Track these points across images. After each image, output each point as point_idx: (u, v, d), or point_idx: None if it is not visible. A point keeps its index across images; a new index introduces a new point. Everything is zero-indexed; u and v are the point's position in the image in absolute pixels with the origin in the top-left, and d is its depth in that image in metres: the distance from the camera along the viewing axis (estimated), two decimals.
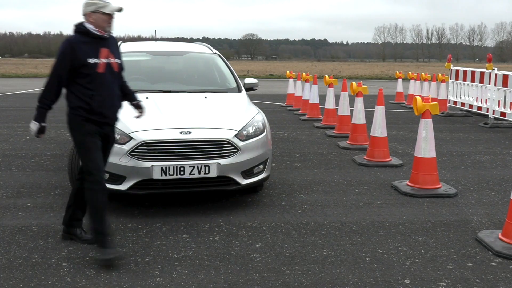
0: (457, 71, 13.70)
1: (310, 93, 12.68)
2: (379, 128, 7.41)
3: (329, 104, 11.07)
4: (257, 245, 4.27)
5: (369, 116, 8.39)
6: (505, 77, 11.27)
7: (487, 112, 12.00)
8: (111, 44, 4.07)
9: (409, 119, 12.59)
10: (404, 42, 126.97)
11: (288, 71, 16.33)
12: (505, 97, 11.37)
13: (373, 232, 4.66)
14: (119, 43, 7.35)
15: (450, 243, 4.41)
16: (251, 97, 6.59)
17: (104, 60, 3.94)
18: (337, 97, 10.49)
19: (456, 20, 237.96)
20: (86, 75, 3.89)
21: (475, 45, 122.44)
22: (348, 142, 8.76)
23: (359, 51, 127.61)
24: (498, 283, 3.66)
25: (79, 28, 3.94)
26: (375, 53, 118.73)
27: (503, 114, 11.38)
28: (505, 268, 3.91)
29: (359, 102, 8.47)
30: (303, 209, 5.27)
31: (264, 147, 5.44)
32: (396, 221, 4.97)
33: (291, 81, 15.54)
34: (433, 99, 14.65)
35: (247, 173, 5.24)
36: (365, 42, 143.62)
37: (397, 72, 18.08)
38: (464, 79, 13.26)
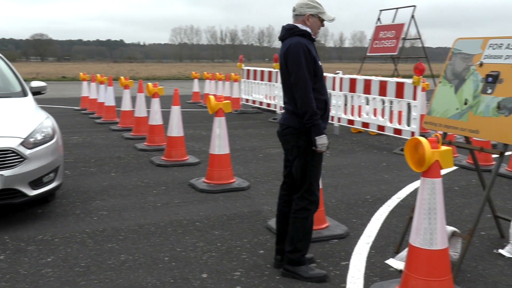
0: (248, 70, 14.55)
1: (105, 95, 12.34)
2: (176, 128, 7.51)
3: (126, 106, 10.90)
4: (49, 259, 4.01)
5: (166, 116, 8.45)
6: None
7: (276, 108, 12.97)
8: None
9: (205, 118, 13.00)
10: (200, 43, 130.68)
11: (81, 73, 15.65)
12: None
13: (172, 231, 4.71)
14: None
15: (244, 234, 4.66)
16: (40, 102, 6.19)
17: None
18: (133, 99, 10.36)
19: (248, 22, 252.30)
20: (319, 79, 3.66)
21: (265, 46, 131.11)
22: (145, 143, 8.72)
23: (156, 52, 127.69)
24: None
25: (303, 32, 3.66)
26: (172, 54, 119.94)
27: None
28: None
29: (156, 103, 8.48)
30: (99, 216, 5.10)
31: (54, 154, 5.14)
32: (193, 218, 5.09)
33: (85, 83, 14.92)
34: (227, 98, 15.31)
35: (36, 183, 4.90)
36: (162, 43, 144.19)
37: (193, 72, 18.54)
38: (255, 78, 14.15)
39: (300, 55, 3.55)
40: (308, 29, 3.68)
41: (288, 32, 3.69)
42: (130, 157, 7.98)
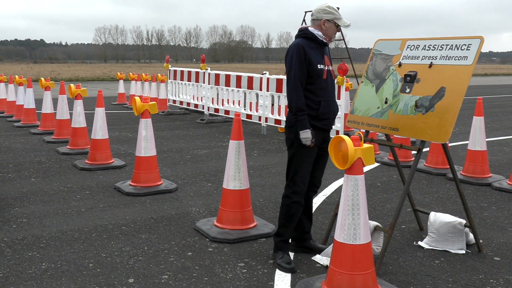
0: (175, 71, 14.40)
1: (24, 97, 11.81)
2: (100, 130, 7.30)
3: (47, 108, 10.48)
4: None
5: (90, 119, 8.21)
6: (217, 76, 12.28)
7: (203, 109, 12.92)
8: (328, 51, 4.07)
9: (131, 119, 12.73)
10: (126, 44, 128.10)
11: None
12: (217, 94, 12.40)
13: (96, 236, 4.57)
14: None
15: (172, 236, 4.60)
16: None
17: (325, 67, 3.93)
18: (55, 101, 9.99)
19: (174, 22, 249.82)
20: (314, 80, 3.85)
21: (192, 47, 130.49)
22: (68, 147, 8.42)
23: (80, 52, 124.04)
24: (214, 266, 3.96)
25: (308, 34, 3.92)
26: (96, 54, 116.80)
27: (216, 110, 12.39)
28: (220, 252, 4.25)
29: (79, 105, 8.21)
30: (18, 224, 4.87)
31: None
32: (119, 222, 4.96)
33: (2, 84, 14.21)
34: (153, 99, 15.11)
35: None
36: (86, 43, 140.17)
37: (118, 73, 18.12)
38: (182, 79, 14.01)
39: (293, 56, 3.84)
40: (316, 32, 3.93)
41: (298, 33, 4.01)
42: (51, 162, 7.68)
